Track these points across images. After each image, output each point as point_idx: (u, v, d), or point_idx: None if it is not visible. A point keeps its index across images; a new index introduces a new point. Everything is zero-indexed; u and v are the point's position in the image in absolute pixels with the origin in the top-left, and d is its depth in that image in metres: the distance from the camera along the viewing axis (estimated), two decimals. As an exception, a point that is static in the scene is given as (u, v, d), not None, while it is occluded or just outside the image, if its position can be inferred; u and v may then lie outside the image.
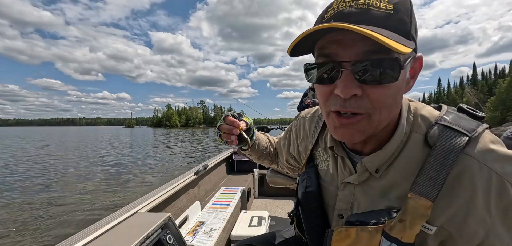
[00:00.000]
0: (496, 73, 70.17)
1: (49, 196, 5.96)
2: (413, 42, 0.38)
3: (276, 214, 2.49)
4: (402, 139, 0.46)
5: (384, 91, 0.39)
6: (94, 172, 8.84)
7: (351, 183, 0.52)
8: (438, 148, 0.42)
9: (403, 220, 0.42)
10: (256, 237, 0.90)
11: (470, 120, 0.45)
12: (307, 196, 0.61)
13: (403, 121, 0.46)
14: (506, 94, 40.77)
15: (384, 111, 0.41)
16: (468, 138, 0.41)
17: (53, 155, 14.56)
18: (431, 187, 0.41)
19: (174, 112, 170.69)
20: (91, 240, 0.89)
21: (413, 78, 0.44)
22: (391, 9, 0.37)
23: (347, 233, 0.47)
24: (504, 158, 0.40)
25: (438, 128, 0.44)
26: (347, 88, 0.39)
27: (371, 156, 0.48)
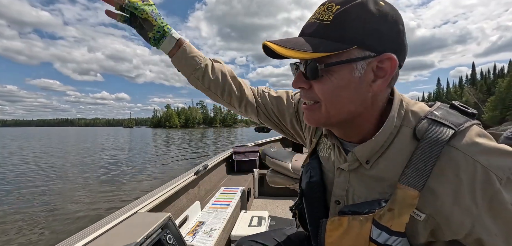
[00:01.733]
0: (495, 73, 70.37)
1: (48, 196, 5.95)
2: (347, 46, 0.43)
3: (276, 214, 2.49)
4: (392, 132, 0.49)
5: (322, 86, 0.47)
6: (94, 172, 8.83)
7: (344, 169, 0.55)
8: (425, 140, 0.44)
9: (392, 209, 0.45)
10: (258, 234, 0.90)
11: (459, 116, 0.47)
12: (311, 186, 0.62)
13: (394, 114, 0.49)
14: (506, 93, 40.86)
15: (329, 103, 0.48)
16: (454, 131, 0.43)
17: (53, 155, 14.53)
18: (418, 178, 0.43)
19: (173, 112, 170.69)
20: (91, 240, 0.88)
21: (383, 78, 0.46)
22: (329, 21, 0.44)
23: (340, 222, 0.50)
24: (489, 151, 0.42)
25: (426, 122, 0.46)
26: (295, 82, 0.51)
27: (362, 146, 0.51)
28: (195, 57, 0.75)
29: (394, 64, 0.45)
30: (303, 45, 0.45)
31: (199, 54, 0.76)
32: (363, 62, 0.44)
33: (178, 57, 0.74)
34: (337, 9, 0.44)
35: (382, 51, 0.44)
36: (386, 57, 0.44)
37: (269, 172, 2.16)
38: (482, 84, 65.97)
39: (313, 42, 0.44)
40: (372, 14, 0.43)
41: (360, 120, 0.50)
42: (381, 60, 0.45)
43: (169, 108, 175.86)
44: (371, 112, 0.50)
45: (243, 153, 3.16)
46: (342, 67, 0.45)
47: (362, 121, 0.51)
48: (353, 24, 0.43)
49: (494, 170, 0.40)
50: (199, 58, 0.75)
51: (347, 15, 0.43)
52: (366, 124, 0.51)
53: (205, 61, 0.76)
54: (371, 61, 0.45)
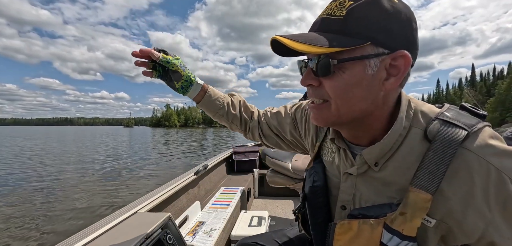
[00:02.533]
0: (494, 74, 70.50)
1: (48, 195, 5.94)
2: (360, 41, 0.42)
3: (276, 214, 2.49)
4: (401, 133, 0.47)
5: (333, 83, 0.45)
6: (94, 172, 8.82)
7: (352, 174, 0.54)
8: (438, 142, 0.43)
9: (404, 213, 0.43)
10: (259, 236, 0.90)
11: (470, 117, 0.46)
12: (315, 190, 0.61)
13: (402, 115, 0.47)
14: (505, 95, 40.91)
15: (339, 100, 0.46)
16: (467, 132, 0.42)
17: (52, 154, 14.51)
18: (430, 181, 0.42)
19: (173, 112, 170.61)
20: (91, 240, 0.88)
21: (396, 76, 0.44)
22: (342, 16, 0.43)
23: (350, 226, 0.49)
24: (503, 153, 0.41)
25: (438, 123, 0.45)
26: (304, 79, 0.49)
27: (370, 148, 0.49)
28: (218, 99, 0.82)
29: (408, 61, 0.43)
30: (316, 39, 0.43)
31: (220, 96, 0.83)
32: (376, 59, 0.43)
33: (204, 103, 0.81)
34: (350, 4, 0.42)
35: (396, 49, 0.43)
36: (400, 55, 0.43)
37: (269, 172, 2.15)
38: (481, 85, 66.12)
39: (327, 37, 0.42)
40: (386, 10, 0.42)
41: (370, 120, 0.49)
42: (395, 57, 0.43)
43: (168, 108, 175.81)
44: (382, 112, 0.48)
45: (243, 153, 3.16)
46: (355, 64, 0.43)
47: (372, 121, 0.49)
48: (367, 20, 0.42)
49: (508, 173, 0.40)
50: (221, 99, 0.83)
51: (361, 11, 0.42)
52: (376, 124, 0.49)
53: (226, 100, 0.84)
54: (385, 59, 0.43)
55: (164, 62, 0.73)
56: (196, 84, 0.78)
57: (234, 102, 0.86)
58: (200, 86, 0.79)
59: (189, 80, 0.77)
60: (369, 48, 0.42)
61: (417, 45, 0.47)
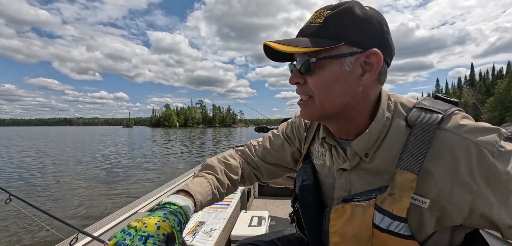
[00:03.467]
0: (493, 74, 70.61)
1: (47, 196, 5.94)
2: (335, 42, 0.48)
3: (276, 214, 2.49)
4: (384, 123, 0.52)
5: (314, 80, 0.51)
6: (94, 172, 8.81)
7: (346, 170, 0.57)
8: (417, 126, 0.48)
9: (392, 193, 0.47)
10: (258, 236, 0.90)
11: (444, 103, 0.52)
12: (304, 189, 0.64)
13: (383, 107, 0.53)
14: (505, 95, 41.02)
15: (322, 95, 0.51)
16: (442, 115, 0.47)
17: (51, 154, 14.50)
18: (414, 162, 0.46)
19: (172, 112, 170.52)
20: (91, 240, 0.88)
21: (370, 72, 0.50)
22: (320, 23, 0.50)
23: (344, 209, 0.53)
24: (476, 129, 0.45)
25: (416, 110, 0.51)
26: (292, 78, 0.55)
27: (358, 139, 0.54)
28: (207, 196, 0.65)
29: (379, 58, 0.49)
30: (298, 42, 0.50)
31: (207, 191, 0.65)
32: (351, 57, 0.49)
33: (201, 208, 0.64)
34: (328, 13, 0.50)
35: (368, 47, 0.49)
36: (372, 53, 0.48)
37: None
38: (481, 85, 66.24)
39: (306, 40, 0.50)
40: (358, 16, 0.48)
41: (353, 114, 0.54)
42: (368, 55, 0.49)
43: (168, 108, 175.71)
44: (363, 106, 0.53)
45: (243, 153, 3.15)
46: (332, 62, 0.49)
47: (355, 115, 0.54)
48: (341, 24, 0.48)
49: (485, 145, 0.44)
50: (209, 192, 0.66)
51: (336, 17, 0.49)
52: (359, 118, 0.54)
53: (213, 187, 0.68)
54: (359, 57, 0.49)
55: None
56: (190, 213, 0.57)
57: (219, 179, 0.71)
58: (191, 210, 0.57)
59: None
60: (344, 48, 0.49)
61: (389, 45, 0.52)
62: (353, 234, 0.51)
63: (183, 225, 0.51)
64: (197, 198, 0.60)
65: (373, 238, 0.49)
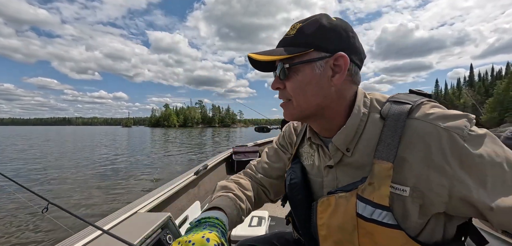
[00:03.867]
0: (493, 74, 70.71)
1: (47, 196, 5.92)
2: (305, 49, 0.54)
3: (276, 214, 2.49)
4: (361, 118, 0.56)
5: (291, 84, 0.57)
6: (93, 172, 8.80)
7: (332, 166, 0.60)
8: (390, 118, 0.52)
9: (372, 183, 0.50)
10: (258, 237, 0.90)
11: (415, 96, 0.56)
12: (292, 187, 0.67)
13: (359, 104, 0.57)
14: (504, 95, 41.09)
15: (298, 97, 0.57)
16: (411, 106, 0.51)
17: (50, 154, 14.47)
18: (388, 151, 0.49)
19: (172, 112, 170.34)
20: (91, 240, 0.88)
21: (340, 73, 0.54)
22: (293, 34, 0.56)
23: (328, 201, 0.56)
24: (444, 116, 0.48)
25: (389, 104, 0.55)
26: (273, 84, 0.61)
27: (337, 134, 0.58)
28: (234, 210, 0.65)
29: (346, 60, 0.53)
30: (274, 52, 0.57)
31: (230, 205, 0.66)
32: (321, 61, 0.54)
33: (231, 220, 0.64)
34: (299, 25, 0.56)
35: (335, 52, 0.54)
36: (339, 56, 0.54)
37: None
38: (480, 86, 66.34)
39: (281, 50, 0.57)
40: (325, 26, 0.54)
41: (329, 112, 0.58)
42: (336, 58, 0.54)
43: (167, 108, 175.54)
44: (339, 105, 0.58)
45: (243, 153, 3.16)
46: (304, 67, 0.55)
47: (332, 113, 0.58)
48: (309, 33, 0.54)
49: (455, 130, 0.46)
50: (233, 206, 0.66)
51: (306, 28, 0.55)
52: (337, 116, 0.58)
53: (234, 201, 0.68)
54: (328, 60, 0.54)
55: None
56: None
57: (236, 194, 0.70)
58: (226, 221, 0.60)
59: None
60: (313, 54, 0.54)
61: (357, 48, 0.57)
62: (338, 225, 0.54)
63: (225, 235, 0.54)
64: (226, 210, 0.62)
65: (358, 228, 0.51)
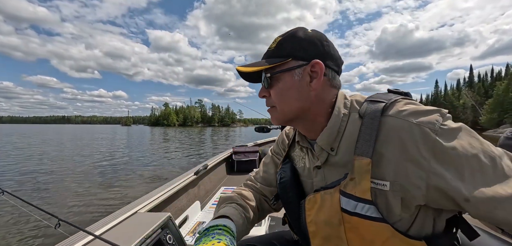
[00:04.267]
0: (492, 75, 70.75)
1: (47, 195, 5.92)
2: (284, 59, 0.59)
3: (276, 214, 2.49)
4: (342, 119, 0.59)
5: (274, 91, 0.62)
6: (93, 172, 8.79)
7: (320, 167, 0.63)
8: (366, 116, 0.55)
9: (353, 178, 0.52)
10: (258, 237, 0.90)
11: (391, 95, 0.58)
12: (283, 186, 0.70)
13: (339, 105, 0.61)
14: (504, 96, 41.14)
15: (281, 103, 0.62)
16: (384, 104, 0.54)
17: (50, 153, 14.45)
18: (366, 147, 0.52)
19: (171, 111, 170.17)
20: (91, 240, 0.88)
21: (317, 78, 0.59)
22: (274, 47, 0.62)
23: (315, 198, 0.59)
24: (416, 112, 0.50)
25: (366, 103, 0.58)
26: (260, 93, 0.67)
27: (321, 135, 0.61)
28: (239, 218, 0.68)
29: (321, 66, 0.58)
30: (255, 64, 0.63)
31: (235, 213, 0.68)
32: (299, 69, 0.59)
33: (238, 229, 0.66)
34: (279, 39, 0.62)
35: (311, 59, 0.58)
36: (315, 62, 0.58)
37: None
38: (479, 86, 66.35)
39: (263, 61, 0.62)
40: (300, 37, 0.60)
41: (312, 115, 0.62)
42: (312, 65, 0.58)
43: (167, 107, 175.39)
44: (320, 108, 0.61)
45: (243, 153, 3.16)
46: (284, 75, 0.60)
47: (314, 116, 0.62)
48: (287, 45, 0.60)
49: (426, 125, 0.48)
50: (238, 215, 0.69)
51: (284, 41, 0.61)
52: (320, 118, 0.62)
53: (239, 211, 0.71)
54: (305, 68, 0.59)
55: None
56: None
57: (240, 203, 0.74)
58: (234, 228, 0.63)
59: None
60: (292, 63, 0.59)
61: (332, 55, 0.61)
62: (325, 220, 0.57)
63: (234, 243, 0.57)
64: (233, 218, 0.66)
65: (344, 222, 0.54)
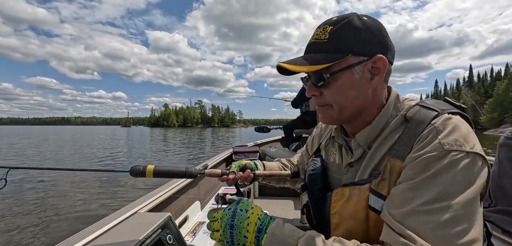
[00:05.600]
0: (492, 75, 70.81)
1: (47, 195, 5.91)
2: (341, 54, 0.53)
3: (276, 215, 2.49)
4: (387, 120, 0.57)
5: (330, 91, 0.56)
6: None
7: (352, 165, 0.62)
8: (413, 121, 0.52)
9: (385, 178, 0.52)
10: None
11: (447, 105, 0.55)
12: (312, 177, 0.70)
13: (390, 104, 0.58)
14: (504, 96, 41.16)
15: (339, 103, 0.57)
16: (437, 113, 0.50)
17: (49, 153, 14.43)
18: (403, 151, 0.51)
19: (171, 112, 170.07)
20: (91, 240, 0.88)
21: (378, 75, 0.55)
22: (326, 39, 0.54)
23: (343, 192, 0.58)
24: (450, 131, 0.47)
25: (417, 107, 0.55)
26: (308, 92, 0.60)
27: (361, 132, 0.60)
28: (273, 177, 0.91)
29: (384, 62, 0.54)
30: (309, 60, 0.55)
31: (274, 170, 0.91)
32: (360, 66, 0.54)
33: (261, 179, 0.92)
34: (331, 29, 0.54)
35: (373, 54, 0.53)
36: (378, 58, 0.54)
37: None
38: (479, 86, 66.40)
39: (316, 57, 0.55)
40: (358, 27, 0.53)
41: (365, 113, 0.59)
42: (374, 61, 0.54)
43: (167, 108, 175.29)
44: (373, 105, 0.59)
45: (243, 153, 3.16)
46: (344, 73, 0.54)
47: (367, 114, 0.59)
48: (345, 38, 0.53)
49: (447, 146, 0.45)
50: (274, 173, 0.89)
51: (339, 32, 0.53)
52: (370, 116, 0.59)
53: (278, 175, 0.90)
54: (366, 64, 0.54)
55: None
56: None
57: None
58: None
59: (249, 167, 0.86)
60: (351, 59, 0.53)
61: (391, 47, 0.57)
62: (350, 214, 0.56)
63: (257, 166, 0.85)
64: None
65: (369, 220, 0.53)
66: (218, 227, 0.59)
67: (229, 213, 0.58)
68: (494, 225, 1.02)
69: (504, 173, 1.03)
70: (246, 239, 0.53)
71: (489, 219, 1.04)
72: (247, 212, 0.57)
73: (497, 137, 1.26)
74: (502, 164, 1.04)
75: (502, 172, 1.04)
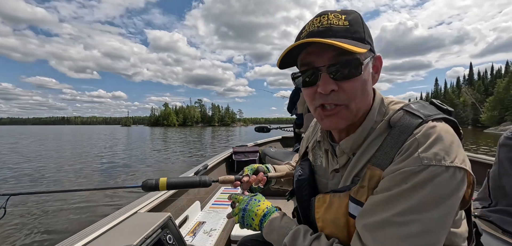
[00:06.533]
0: (492, 73, 70.70)
1: (47, 195, 5.92)
2: (368, 45, 0.50)
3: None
4: (372, 125, 0.55)
5: (354, 84, 0.50)
6: (93, 172, 8.79)
7: (338, 170, 0.61)
8: (396, 128, 0.51)
9: (363, 186, 0.51)
10: (258, 235, 0.90)
11: (434, 109, 0.52)
12: (300, 183, 0.69)
13: (374, 112, 0.56)
14: (504, 94, 41.14)
15: (358, 100, 0.52)
16: (421, 120, 0.48)
17: (50, 153, 14.45)
18: (384, 160, 0.49)
19: (171, 111, 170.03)
20: (91, 240, 0.88)
21: (377, 73, 0.57)
22: (347, 25, 0.49)
23: (324, 199, 0.59)
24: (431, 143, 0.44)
25: (401, 112, 0.52)
26: (326, 85, 0.50)
27: (345, 140, 0.58)
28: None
29: (381, 61, 0.57)
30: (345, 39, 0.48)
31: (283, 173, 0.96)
32: (371, 61, 0.54)
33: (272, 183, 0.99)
34: (345, 17, 0.50)
35: (374, 52, 0.55)
36: (378, 56, 0.56)
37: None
38: (479, 84, 66.30)
39: (347, 42, 0.47)
40: (365, 23, 0.53)
41: (360, 113, 0.56)
42: (377, 58, 0.55)
43: (167, 107, 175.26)
44: (365, 108, 0.57)
45: (243, 153, 3.16)
46: (368, 64, 0.52)
47: (361, 114, 0.57)
48: (363, 29, 0.51)
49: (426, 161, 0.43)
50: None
51: (357, 22, 0.51)
52: (358, 119, 0.57)
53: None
54: (373, 59, 0.54)
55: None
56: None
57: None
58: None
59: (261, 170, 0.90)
60: (369, 52, 0.52)
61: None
62: (331, 220, 0.56)
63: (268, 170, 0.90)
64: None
65: (349, 226, 0.53)
66: (237, 210, 0.72)
67: (246, 200, 0.72)
68: (494, 225, 1.01)
69: (504, 173, 1.03)
70: (253, 221, 0.67)
71: (489, 219, 1.04)
72: (259, 202, 0.70)
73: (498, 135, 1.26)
74: (502, 164, 1.03)
75: (502, 172, 1.04)
